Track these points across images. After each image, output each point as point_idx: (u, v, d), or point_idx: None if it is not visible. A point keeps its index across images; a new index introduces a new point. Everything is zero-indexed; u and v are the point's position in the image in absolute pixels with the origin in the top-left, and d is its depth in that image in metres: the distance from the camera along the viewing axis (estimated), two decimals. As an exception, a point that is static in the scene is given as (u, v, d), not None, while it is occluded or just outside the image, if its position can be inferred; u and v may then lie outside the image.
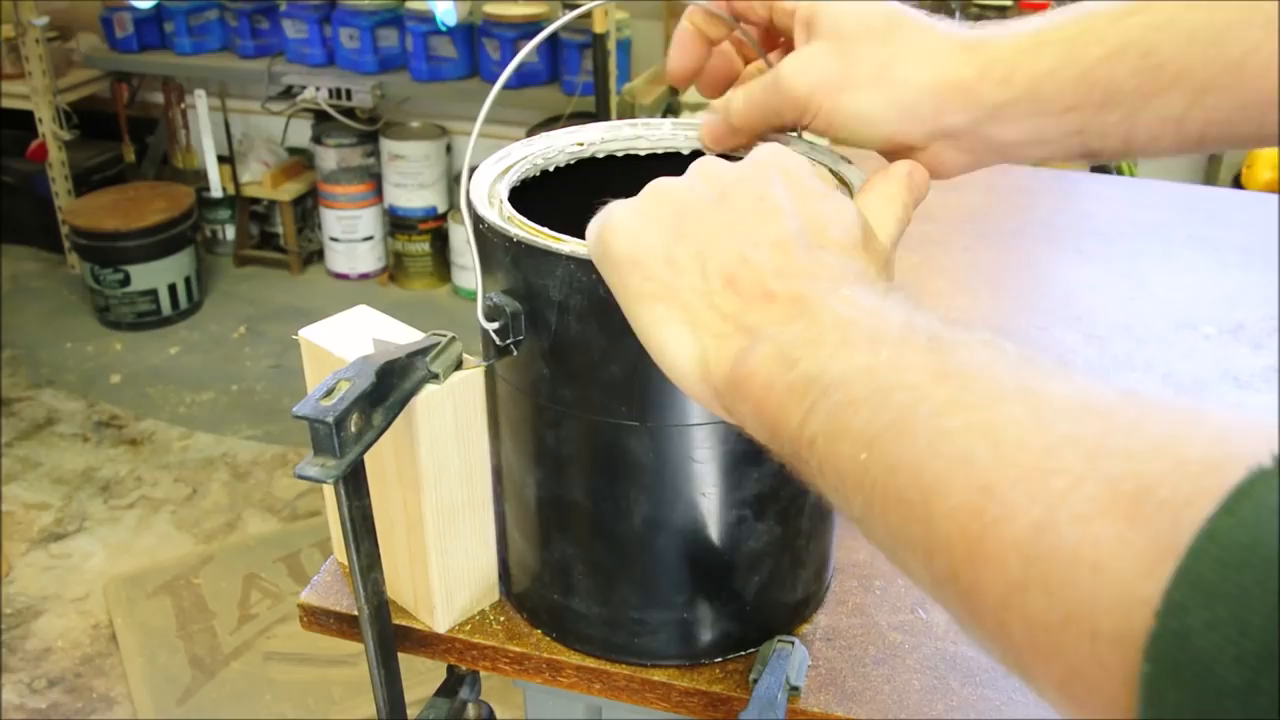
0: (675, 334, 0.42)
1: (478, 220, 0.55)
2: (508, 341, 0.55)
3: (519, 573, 0.63)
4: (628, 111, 2.82)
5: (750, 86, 0.56)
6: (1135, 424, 0.30)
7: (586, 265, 0.50)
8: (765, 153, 0.46)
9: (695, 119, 0.63)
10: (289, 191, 3.43)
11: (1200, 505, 0.26)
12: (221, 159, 3.41)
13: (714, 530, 0.57)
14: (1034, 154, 0.55)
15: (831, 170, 0.58)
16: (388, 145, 3.31)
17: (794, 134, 0.58)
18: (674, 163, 0.64)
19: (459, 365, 0.58)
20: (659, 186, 0.45)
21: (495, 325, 0.54)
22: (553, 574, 0.61)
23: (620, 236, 0.44)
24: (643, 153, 0.64)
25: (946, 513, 0.32)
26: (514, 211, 0.55)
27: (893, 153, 0.55)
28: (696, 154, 0.64)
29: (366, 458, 0.53)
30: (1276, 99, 0.49)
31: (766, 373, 0.39)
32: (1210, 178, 2.81)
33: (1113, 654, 0.27)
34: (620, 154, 0.64)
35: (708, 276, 0.42)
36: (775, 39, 0.60)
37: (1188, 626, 0.25)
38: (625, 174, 0.65)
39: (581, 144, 0.63)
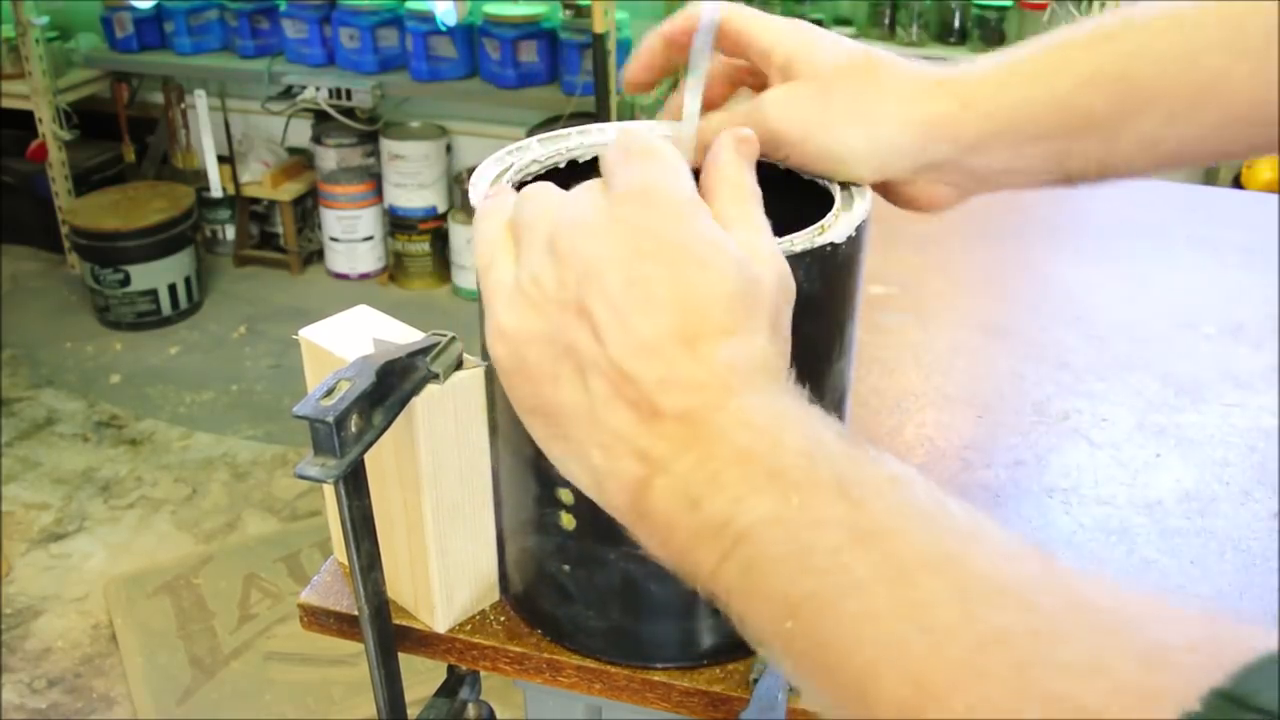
0: (564, 451, 0.41)
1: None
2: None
3: (518, 574, 0.63)
4: (627, 112, 2.82)
5: (730, 120, 0.56)
6: (1062, 634, 0.30)
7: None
8: (631, 203, 0.41)
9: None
10: (289, 191, 3.43)
11: None
12: (221, 159, 3.41)
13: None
14: (1017, 182, 0.56)
15: None
16: (388, 145, 3.31)
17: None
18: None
19: (459, 365, 0.58)
20: (529, 276, 0.41)
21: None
22: (552, 576, 0.61)
23: (502, 348, 0.41)
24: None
25: (883, 701, 0.31)
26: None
27: (879, 188, 0.56)
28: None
29: (366, 458, 0.53)
30: (1245, 117, 0.51)
31: (668, 511, 0.38)
32: (1210, 178, 2.81)
33: None
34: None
35: (592, 392, 0.39)
36: (741, 77, 0.60)
37: None
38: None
39: (581, 144, 0.63)
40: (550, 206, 0.42)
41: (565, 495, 0.56)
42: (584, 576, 0.59)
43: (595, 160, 0.64)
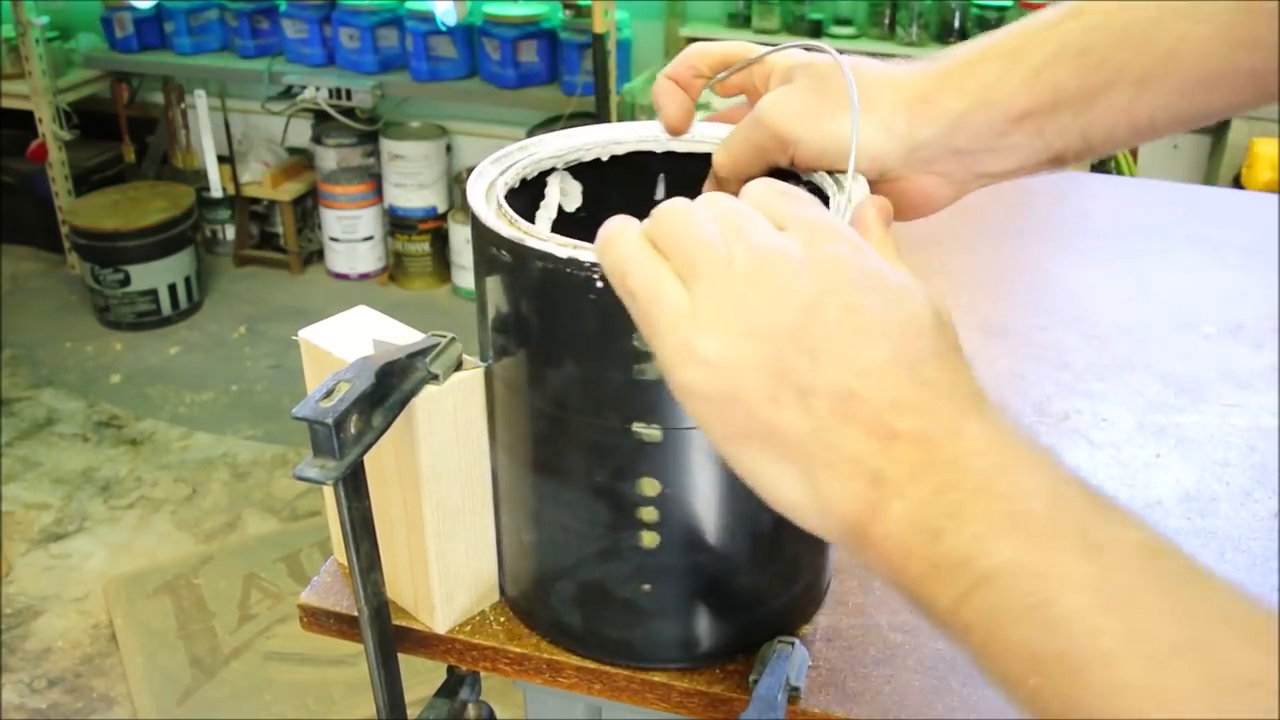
0: (786, 474, 0.40)
1: (477, 222, 0.55)
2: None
3: (517, 574, 0.63)
4: (628, 112, 2.82)
5: (730, 136, 0.59)
6: None
7: (585, 267, 0.50)
8: (826, 236, 0.42)
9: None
10: (289, 191, 3.43)
11: None
12: (221, 159, 3.41)
13: (713, 532, 0.57)
14: (1006, 165, 0.57)
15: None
16: (388, 145, 3.31)
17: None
18: (675, 163, 0.64)
19: (459, 366, 0.58)
20: (726, 301, 0.40)
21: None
22: (551, 576, 0.61)
23: (705, 375, 0.40)
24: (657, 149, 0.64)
25: None
26: (512, 212, 0.55)
27: (877, 180, 0.57)
28: (693, 155, 0.64)
29: (366, 458, 0.53)
30: (1211, 80, 0.53)
31: (904, 540, 0.37)
32: (1210, 178, 2.81)
33: None
34: (622, 154, 0.64)
35: (815, 414, 0.39)
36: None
37: None
38: (628, 174, 0.65)
39: (582, 144, 0.63)
40: (722, 233, 0.42)
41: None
42: (583, 577, 0.59)
43: (596, 160, 0.64)
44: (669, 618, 0.59)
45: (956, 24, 2.88)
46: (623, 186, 0.65)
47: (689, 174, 0.64)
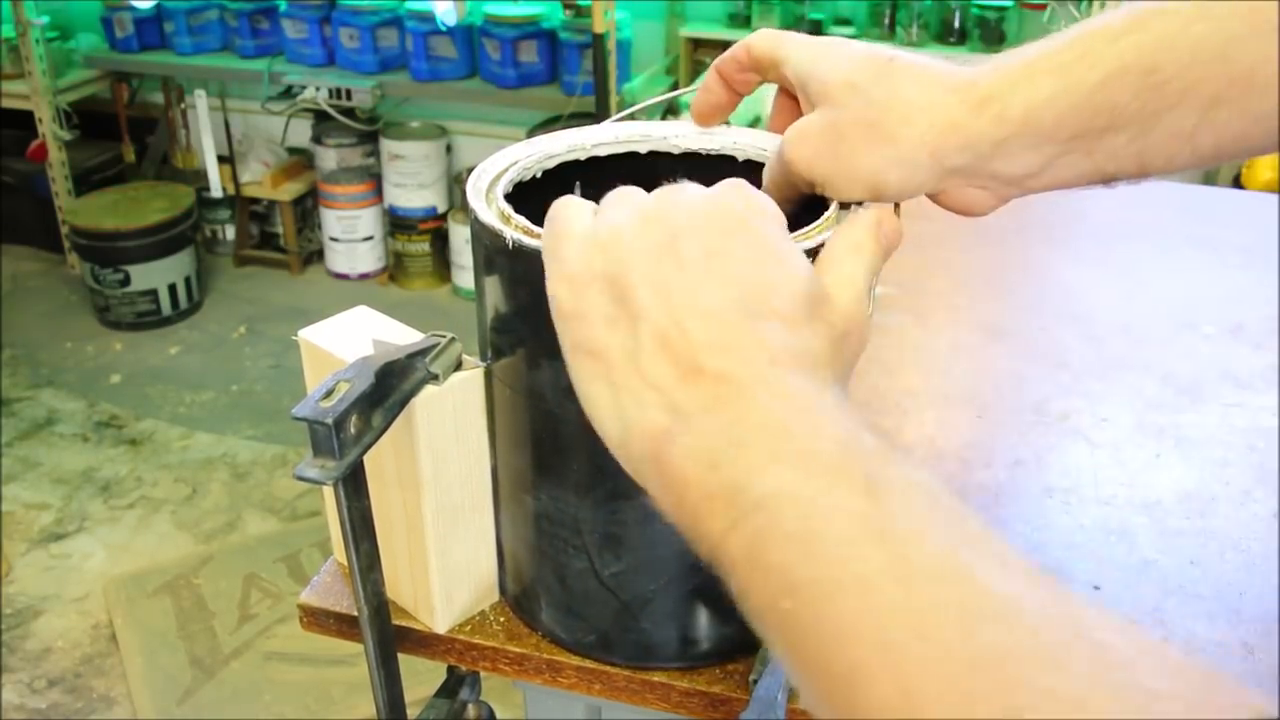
0: (601, 393, 0.42)
1: (476, 220, 0.55)
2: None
3: (517, 574, 0.63)
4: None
5: (767, 168, 0.56)
6: (1056, 663, 0.30)
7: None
8: (731, 194, 0.44)
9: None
10: (289, 191, 3.43)
11: None
12: (221, 159, 3.41)
13: (714, 531, 0.57)
14: (1051, 182, 0.54)
15: None
16: (388, 145, 3.31)
17: None
18: (672, 163, 0.64)
19: (459, 366, 0.58)
20: (607, 226, 0.43)
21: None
22: (551, 576, 0.61)
23: (564, 288, 0.43)
24: (642, 150, 0.64)
25: (870, 701, 0.32)
26: (512, 212, 0.55)
27: (918, 200, 0.55)
28: (695, 155, 0.64)
29: (366, 458, 0.53)
30: None
31: (687, 468, 0.38)
32: (1210, 178, 2.81)
33: None
34: (621, 153, 0.64)
35: (639, 338, 0.40)
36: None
37: None
38: (626, 174, 0.65)
39: (580, 145, 0.63)
40: (639, 191, 0.45)
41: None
42: (582, 577, 0.59)
43: (602, 159, 0.64)
44: (669, 617, 0.59)
45: (956, 24, 2.88)
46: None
47: (691, 174, 0.64)
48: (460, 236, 3.29)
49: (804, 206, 0.55)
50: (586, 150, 0.64)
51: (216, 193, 3.42)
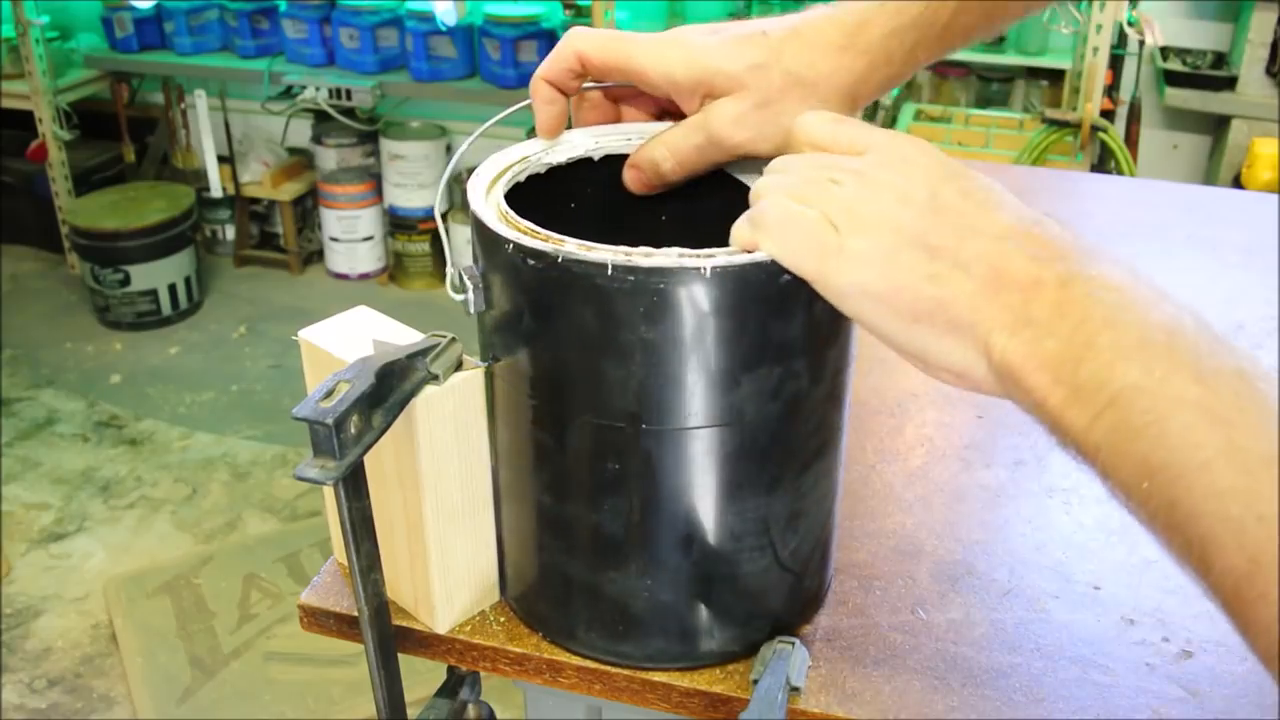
0: (956, 345, 0.46)
1: (477, 221, 0.55)
2: (479, 311, 0.56)
3: (518, 575, 0.63)
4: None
5: (676, 145, 0.60)
6: None
7: (585, 267, 0.50)
8: (908, 147, 0.50)
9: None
10: (289, 191, 3.43)
11: None
12: (221, 159, 3.41)
13: (713, 532, 0.57)
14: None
15: None
16: (388, 145, 3.31)
17: None
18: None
19: (459, 366, 0.58)
20: (861, 207, 0.47)
21: (462, 298, 0.55)
22: (551, 577, 0.61)
23: (867, 270, 0.47)
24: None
25: (1220, 569, 0.38)
26: (512, 212, 0.55)
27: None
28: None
29: (366, 459, 0.53)
30: None
31: (1050, 373, 0.44)
32: (1210, 178, 2.81)
33: None
34: (621, 153, 0.64)
35: (975, 278, 0.45)
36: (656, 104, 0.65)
37: None
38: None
39: (584, 144, 0.63)
40: (814, 162, 0.50)
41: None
42: (583, 577, 0.59)
43: (604, 159, 0.64)
44: (669, 617, 0.59)
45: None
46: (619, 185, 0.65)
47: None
48: (460, 236, 3.29)
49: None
50: (589, 150, 0.64)
51: (216, 193, 3.42)
